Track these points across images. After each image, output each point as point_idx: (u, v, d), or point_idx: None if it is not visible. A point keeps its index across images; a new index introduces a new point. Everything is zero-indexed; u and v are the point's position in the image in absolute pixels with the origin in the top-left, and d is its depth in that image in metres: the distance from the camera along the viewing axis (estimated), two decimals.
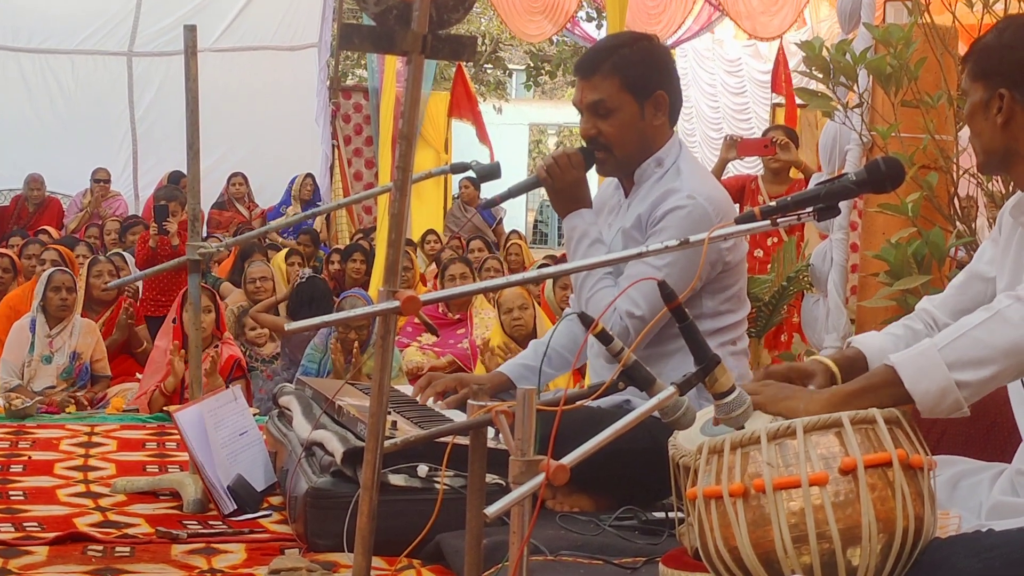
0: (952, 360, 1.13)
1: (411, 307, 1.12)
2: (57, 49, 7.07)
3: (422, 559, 1.57)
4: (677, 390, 1.10)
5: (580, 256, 1.82)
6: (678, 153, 1.82)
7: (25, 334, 3.44)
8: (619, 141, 1.80)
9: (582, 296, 1.81)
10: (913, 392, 1.14)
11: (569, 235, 1.85)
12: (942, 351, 1.14)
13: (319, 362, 3.47)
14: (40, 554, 1.62)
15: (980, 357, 1.13)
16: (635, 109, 1.78)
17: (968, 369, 1.13)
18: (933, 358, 1.14)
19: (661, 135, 1.82)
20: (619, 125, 1.78)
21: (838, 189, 1.23)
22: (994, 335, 1.13)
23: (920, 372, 1.14)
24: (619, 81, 1.77)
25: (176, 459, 2.37)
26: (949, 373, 1.13)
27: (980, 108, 1.26)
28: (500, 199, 2.10)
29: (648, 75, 1.78)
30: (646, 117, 1.79)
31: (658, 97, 1.79)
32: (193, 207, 2.06)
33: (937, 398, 1.14)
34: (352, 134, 7.64)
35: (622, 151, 1.81)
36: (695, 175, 1.80)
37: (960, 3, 2.10)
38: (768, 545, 1.07)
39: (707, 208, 1.74)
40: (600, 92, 1.78)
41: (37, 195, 6.59)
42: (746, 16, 7.51)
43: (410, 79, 1.21)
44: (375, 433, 1.20)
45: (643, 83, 1.78)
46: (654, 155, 1.81)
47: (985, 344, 1.13)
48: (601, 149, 1.81)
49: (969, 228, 2.10)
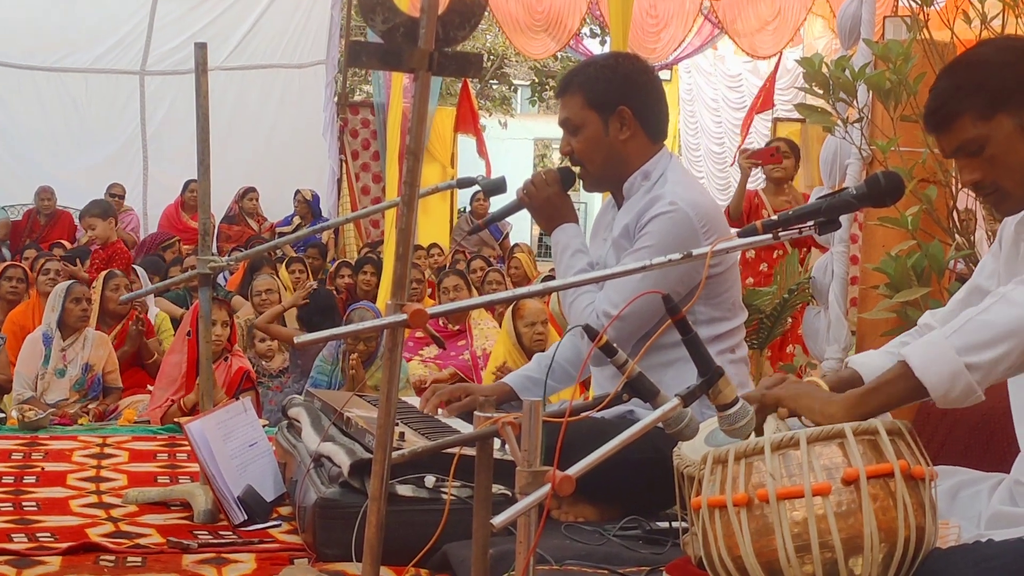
0: (960, 345, 1.13)
1: (418, 320, 1.13)
2: (72, 68, 7.18)
3: (429, 568, 1.57)
4: (681, 402, 1.12)
5: (564, 267, 1.86)
6: (666, 165, 1.85)
7: (38, 347, 3.47)
8: (588, 157, 1.84)
9: (566, 301, 1.85)
10: (924, 380, 1.13)
11: (555, 249, 1.90)
12: (950, 338, 1.14)
13: (329, 374, 3.49)
14: (53, 564, 1.64)
15: (987, 338, 1.12)
16: (599, 125, 1.82)
17: (976, 351, 1.12)
18: (941, 345, 1.14)
19: (637, 149, 1.84)
20: (585, 141, 1.83)
21: (839, 203, 1.24)
22: (1000, 316, 1.12)
23: (929, 360, 1.13)
24: (582, 98, 1.82)
25: (187, 470, 2.38)
26: (958, 357, 1.12)
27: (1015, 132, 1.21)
28: (484, 224, 2.20)
29: (609, 91, 1.81)
30: (610, 132, 1.82)
31: (621, 112, 1.81)
32: (204, 221, 2.09)
33: (949, 384, 1.12)
34: (359, 149, 7.70)
35: (593, 166, 1.85)
36: (679, 183, 1.82)
37: (958, 19, 2.13)
38: (771, 554, 1.07)
39: (689, 214, 1.76)
40: (567, 110, 1.84)
41: (48, 206, 6.67)
42: (744, 34, 7.61)
43: (417, 95, 1.24)
44: (383, 444, 1.22)
45: (604, 99, 1.81)
46: (640, 169, 1.84)
47: (991, 325, 1.12)
48: (578, 165, 1.86)
49: (968, 241, 2.11)
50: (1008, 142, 1.23)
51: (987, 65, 1.25)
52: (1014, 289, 1.15)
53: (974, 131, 1.24)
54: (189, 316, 3.25)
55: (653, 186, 1.83)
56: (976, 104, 1.23)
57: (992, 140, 1.23)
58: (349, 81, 8.20)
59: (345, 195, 7.36)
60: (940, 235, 2.08)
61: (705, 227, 1.77)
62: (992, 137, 1.23)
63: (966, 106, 1.24)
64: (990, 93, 1.23)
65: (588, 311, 1.77)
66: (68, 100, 7.22)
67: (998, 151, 1.23)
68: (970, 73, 1.25)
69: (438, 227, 7.42)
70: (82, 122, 7.23)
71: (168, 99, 7.18)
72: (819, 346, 2.27)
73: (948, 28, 2.15)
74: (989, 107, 1.23)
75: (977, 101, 1.23)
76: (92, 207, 5.65)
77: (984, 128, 1.23)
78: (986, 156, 1.24)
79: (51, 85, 7.18)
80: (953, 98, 1.25)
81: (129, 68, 7.23)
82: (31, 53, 7.12)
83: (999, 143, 1.23)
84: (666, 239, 1.74)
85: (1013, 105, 1.23)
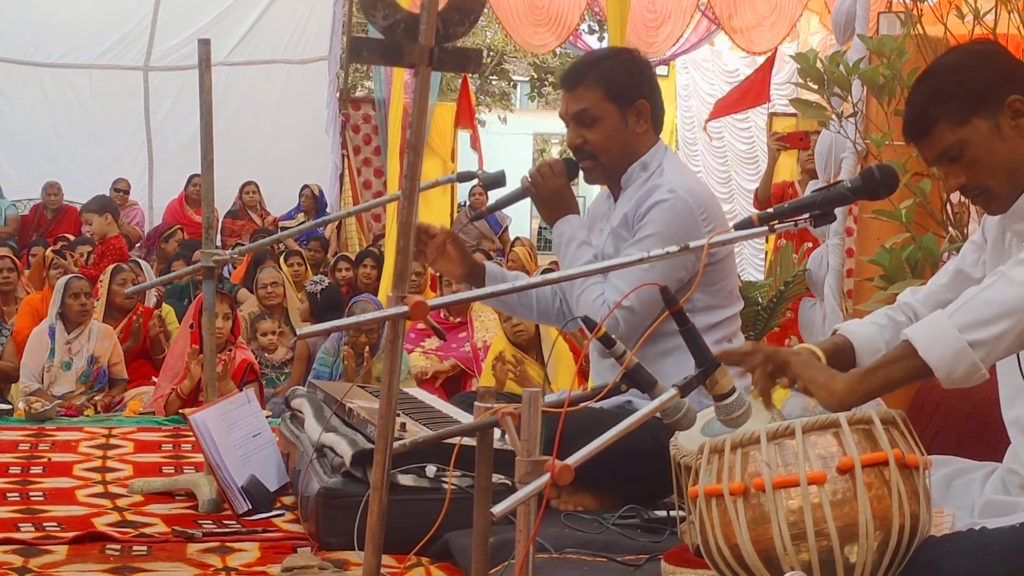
0: (962, 323, 1.13)
1: (419, 312, 1.14)
2: (76, 64, 7.18)
3: (430, 557, 1.59)
4: (678, 392, 1.13)
5: (569, 258, 1.87)
6: (663, 156, 1.88)
7: (44, 340, 3.50)
8: (604, 149, 1.86)
9: (573, 293, 1.86)
10: (928, 359, 1.14)
11: (558, 240, 1.91)
12: (952, 316, 1.15)
13: (331, 366, 3.52)
14: (60, 553, 1.66)
15: (989, 316, 1.13)
16: (618, 117, 1.84)
17: (979, 329, 1.13)
18: (944, 324, 1.14)
19: (645, 142, 1.88)
20: (603, 133, 1.85)
21: (834, 196, 1.25)
22: (1001, 293, 1.13)
23: (933, 339, 1.14)
24: (602, 91, 1.84)
25: (191, 460, 2.40)
26: (961, 335, 1.13)
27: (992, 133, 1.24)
28: (488, 211, 2.21)
29: (629, 84, 1.85)
30: (629, 125, 1.85)
31: (640, 106, 1.85)
32: (208, 216, 2.11)
33: (952, 362, 1.13)
34: (361, 144, 7.71)
35: (607, 158, 1.87)
36: (677, 172, 1.85)
37: (951, 15, 2.14)
38: (768, 542, 1.09)
39: (688, 201, 1.79)
40: (584, 102, 1.85)
41: (54, 201, 6.70)
42: (741, 30, 7.60)
43: (417, 91, 1.25)
44: (385, 434, 1.23)
45: (625, 92, 1.84)
46: (639, 160, 1.87)
47: (992, 302, 1.13)
48: (588, 158, 1.88)
49: (961, 233, 2.12)
50: (986, 143, 1.25)
51: (956, 71, 1.27)
52: (1014, 267, 1.16)
53: (951, 137, 1.26)
54: (192, 309, 3.27)
55: (651, 176, 1.85)
56: (950, 110, 1.25)
57: (970, 144, 1.25)
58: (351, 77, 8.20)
59: (347, 190, 7.37)
60: (934, 228, 2.10)
61: (704, 214, 1.79)
62: (970, 141, 1.25)
63: (940, 113, 1.26)
64: (962, 98, 1.25)
65: (599, 303, 1.78)
66: (73, 96, 7.23)
67: (978, 153, 1.25)
68: (941, 81, 1.27)
69: (439, 220, 7.42)
70: (87, 117, 7.24)
71: (172, 94, 7.19)
72: (815, 337, 2.28)
73: (941, 23, 2.16)
74: (963, 112, 1.25)
75: (950, 107, 1.25)
76: (90, 203, 5.69)
77: (961, 133, 1.25)
78: (967, 160, 1.26)
79: (56, 81, 7.19)
80: (927, 107, 1.27)
81: (133, 64, 7.24)
82: (36, 49, 7.14)
83: (977, 146, 1.25)
84: (668, 227, 1.76)
85: (986, 107, 1.25)
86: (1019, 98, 1.25)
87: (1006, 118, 1.24)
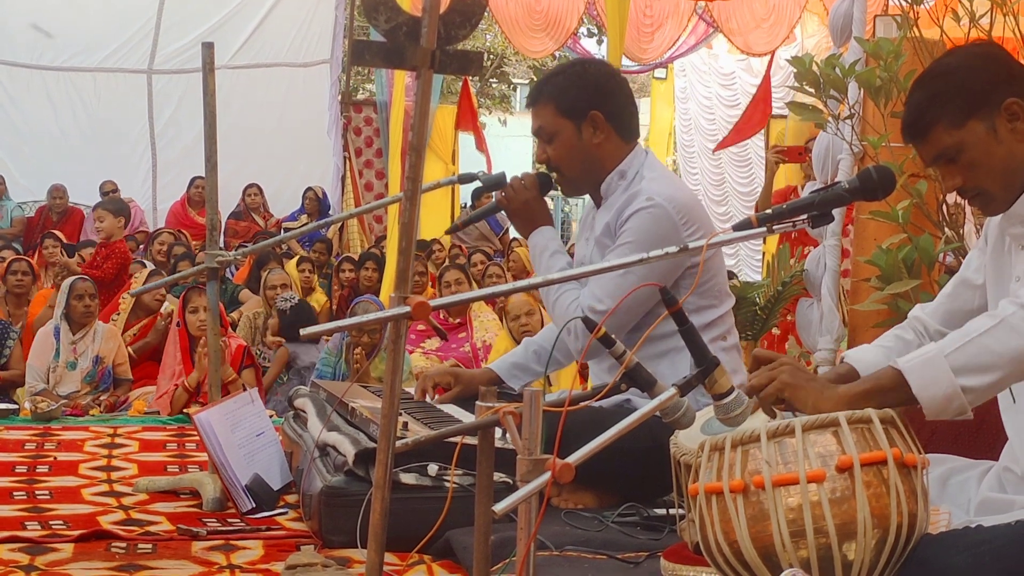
0: (958, 366, 1.16)
1: (422, 312, 1.15)
2: (80, 67, 7.24)
3: (432, 555, 1.60)
4: (678, 391, 1.14)
5: (544, 267, 1.90)
6: (642, 163, 1.88)
7: (50, 340, 3.52)
8: (566, 163, 1.88)
9: (548, 300, 1.89)
10: (920, 398, 1.17)
11: (532, 251, 1.93)
12: (948, 357, 1.16)
13: (333, 366, 3.54)
14: (66, 551, 1.67)
15: (985, 364, 1.15)
16: (573, 131, 1.86)
17: (973, 375, 1.15)
18: (940, 365, 1.16)
19: (611, 151, 1.87)
20: (561, 148, 1.87)
21: (831, 197, 1.26)
22: (1000, 343, 1.15)
23: (927, 379, 1.17)
24: (554, 107, 1.86)
25: (195, 459, 2.41)
26: (955, 379, 1.15)
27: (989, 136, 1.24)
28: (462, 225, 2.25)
29: (580, 98, 1.85)
30: (584, 137, 1.86)
31: (593, 117, 1.85)
32: (211, 217, 2.12)
33: (943, 404, 1.16)
34: (363, 146, 7.74)
35: (571, 171, 1.89)
36: (656, 180, 1.85)
37: (947, 18, 2.15)
38: (767, 540, 1.09)
39: (667, 207, 1.80)
40: (540, 119, 1.88)
41: (60, 203, 6.74)
42: (739, 32, 7.60)
43: (419, 93, 1.26)
44: (387, 433, 1.24)
45: (574, 106, 1.85)
46: (616, 169, 1.88)
47: (991, 351, 1.15)
48: (555, 172, 1.90)
49: (957, 234, 2.13)
50: (983, 146, 1.26)
51: (954, 73, 1.28)
52: (1015, 313, 1.17)
53: (949, 139, 1.27)
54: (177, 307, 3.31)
55: (630, 184, 1.86)
56: (947, 112, 1.26)
57: (967, 145, 1.26)
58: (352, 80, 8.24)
59: (349, 191, 7.40)
60: (930, 228, 2.10)
61: (684, 219, 1.80)
62: (967, 142, 1.26)
63: (938, 115, 1.27)
64: (959, 100, 1.26)
65: (573, 307, 1.81)
66: (77, 99, 7.28)
67: (975, 155, 1.26)
68: (939, 83, 1.28)
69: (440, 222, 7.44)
70: (91, 120, 7.29)
71: (175, 97, 7.24)
72: (812, 337, 2.30)
73: (938, 26, 2.16)
74: (960, 114, 1.26)
75: (948, 110, 1.26)
76: (107, 202, 5.68)
77: (958, 135, 1.26)
78: (964, 162, 1.27)
79: (60, 84, 7.24)
80: (926, 109, 1.28)
81: (137, 67, 7.29)
82: (41, 53, 7.19)
83: (974, 147, 1.26)
84: (646, 236, 1.77)
85: (983, 109, 1.26)
86: (1016, 101, 1.26)
87: (1003, 120, 1.25)
